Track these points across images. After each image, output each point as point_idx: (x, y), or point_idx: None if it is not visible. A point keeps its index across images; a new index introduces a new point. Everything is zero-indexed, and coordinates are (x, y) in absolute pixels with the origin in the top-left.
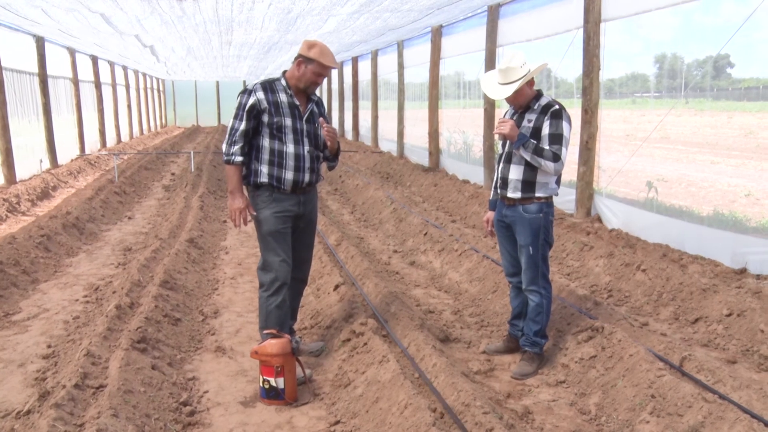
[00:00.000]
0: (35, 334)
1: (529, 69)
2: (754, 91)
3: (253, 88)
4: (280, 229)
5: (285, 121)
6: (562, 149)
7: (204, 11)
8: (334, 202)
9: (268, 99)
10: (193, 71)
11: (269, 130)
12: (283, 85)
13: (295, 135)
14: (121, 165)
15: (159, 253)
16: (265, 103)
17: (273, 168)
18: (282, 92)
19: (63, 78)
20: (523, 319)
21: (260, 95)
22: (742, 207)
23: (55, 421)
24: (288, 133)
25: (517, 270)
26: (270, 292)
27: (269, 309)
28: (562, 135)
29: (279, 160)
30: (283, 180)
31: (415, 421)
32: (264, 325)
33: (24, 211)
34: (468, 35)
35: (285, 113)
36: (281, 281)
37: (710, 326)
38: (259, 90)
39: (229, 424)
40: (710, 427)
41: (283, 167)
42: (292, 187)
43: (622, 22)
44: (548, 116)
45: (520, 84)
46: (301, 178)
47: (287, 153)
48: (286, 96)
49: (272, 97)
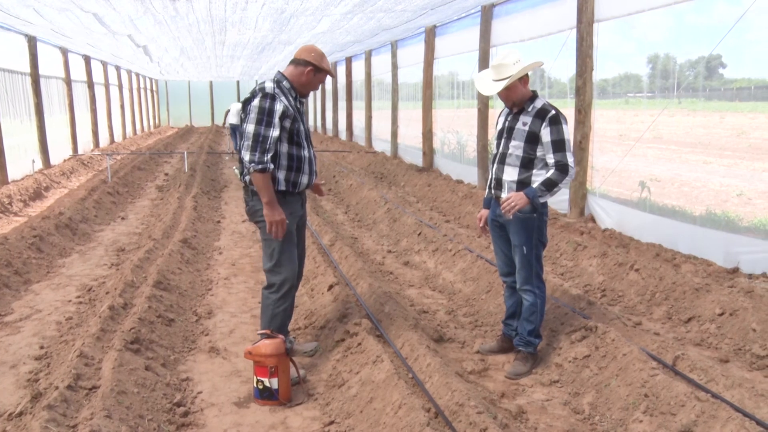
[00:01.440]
0: (27, 335)
1: (522, 66)
2: (746, 91)
3: (275, 93)
4: (291, 230)
5: (300, 127)
6: (567, 155)
7: (197, 11)
8: (328, 203)
9: (291, 105)
10: (186, 71)
11: (289, 136)
12: (288, 88)
13: (305, 139)
14: (114, 165)
15: (152, 253)
16: (291, 109)
17: (291, 173)
18: (288, 95)
19: (55, 78)
20: (517, 318)
21: (285, 101)
22: (734, 207)
23: (47, 422)
24: (302, 138)
25: (511, 270)
26: (279, 294)
27: (276, 311)
28: (564, 140)
29: (298, 165)
30: (299, 183)
31: (410, 421)
32: (267, 326)
33: (16, 211)
34: (462, 35)
35: (300, 118)
36: (291, 283)
37: (703, 325)
38: (281, 95)
39: (222, 424)
40: (703, 426)
41: (300, 171)
42: (303, 189)
43: (615, 23)
44: (547, 123)
45: (511, 81)
46: (312, 180)
47: (304, 157)
48: (294, 100)
49: (290, 102)
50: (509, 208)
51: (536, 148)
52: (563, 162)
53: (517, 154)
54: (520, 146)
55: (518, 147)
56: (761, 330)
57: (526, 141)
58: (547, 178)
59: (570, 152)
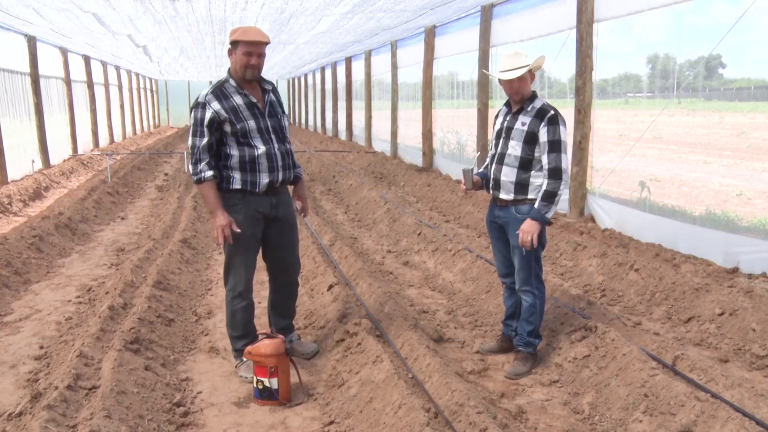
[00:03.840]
0: (27, 335)
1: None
2: (745, 91)
3: (206, 100)
4: (250, 232)
5: (249, 125)
6: (561, 156)
7: (197, 11)
8: (328, 202)
9: (224, 107)
10: (186, 71)
11: (235, 138)
12: (234, 86)
13: (262, 135)
14: (114, 165)
15: (152, 253)
16: (223, 112)
17: (246, 174)
18: (235, 94)
19: (55, 78)
20: (516, 319)
21: (216, 106)
22: (734, 206)
23: (47, 422)
24: (255, 136)
25: (509, 270)
26: (234, 293)
27: (234, 310)
28: (560, 141)
29: (251, 165)
30: (259, 183)
31: (409, 421)
32: (229, 323)
33: (16, 211)
34: (461, 35)
35: (246, 116)
36: (245, 285)
37: (703, 325)
38: (213, 100)
39: (222, 424)
40: (702, 426)
41: (256, 171)
42: (267, 189)
43: (614, 23)
44: (545, 122)
45: (528, 69)
46: (277, 178)
47: (258, 156)
48: (241, 97)
49: (227, 103)
50: (528, 240)
51: (535, 148)
52: (557, 166)
53: (516, 155)
54: (518, 147)
55: (517, 147)
56: (761, 330)
57: (525, 141)
58: (544, 191)
59: (564, 154)
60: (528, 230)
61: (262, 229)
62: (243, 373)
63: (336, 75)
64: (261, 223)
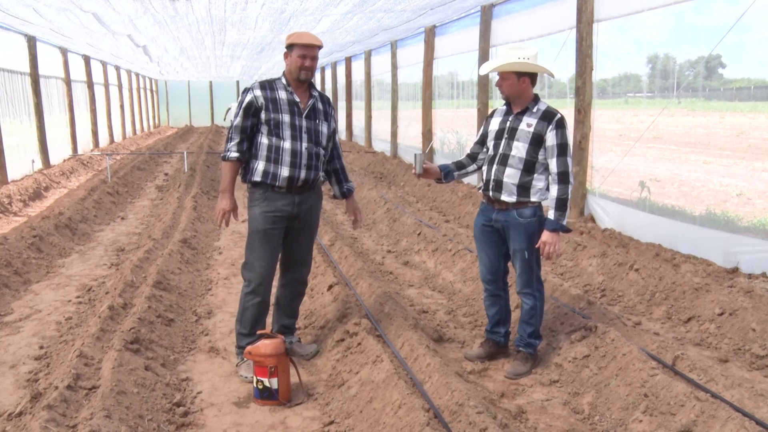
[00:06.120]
0: (27, 335)
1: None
2: (745, 91)
3: (252, 86)
4: (267, 229)
5: (282, 118)
6: (568, 160)
7: (197, 11)
8: (328, 202)
9: (265, 96)
10: (186, 71)
11: (267, 127)
12: (283, 83)
13: (293, 131)
14: (113, 165)
15: (152, 253)
16: (262, 99)
17: (269, 164)
18: (281, 90)
19: (55, 78)
20: (503, 325)
21: (258, 92)
22: (734, 206)
23: (47, 422)
24: (285, 129)
25: (495, 277)
26: (249, 289)
27: (246, 305)
28: (567, 144)
29: (275, 156)
30: (279, 176)
31: (409, 421)
32: (239, 319)
33: (16, 211)
34: (461, 35)
35: (283, 110)
36: (258, 282)
37: (702, 325)
38: (257, 88)
39: (222, 424)
40: (702, 426)
41: (279, 163)
42: (288, 184)
43: (614, 23)
44: (553, 126)
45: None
46: (297, 175)
47: (284, 149)
48: (286, 93)
49: (270, 94)
50: (554, 251)
51: (539, 151)
52: (565, 170)
53: (521, 156)
54: (523, 148)
55: (522, 149)
56: (761, 330)
57: (531, 143)
58: (556, 199)
59: (570, 157)
60: (549, 242)
61: (284, 228)
62: (243, 373)
63: (336, 75)
64: (282, 222)
